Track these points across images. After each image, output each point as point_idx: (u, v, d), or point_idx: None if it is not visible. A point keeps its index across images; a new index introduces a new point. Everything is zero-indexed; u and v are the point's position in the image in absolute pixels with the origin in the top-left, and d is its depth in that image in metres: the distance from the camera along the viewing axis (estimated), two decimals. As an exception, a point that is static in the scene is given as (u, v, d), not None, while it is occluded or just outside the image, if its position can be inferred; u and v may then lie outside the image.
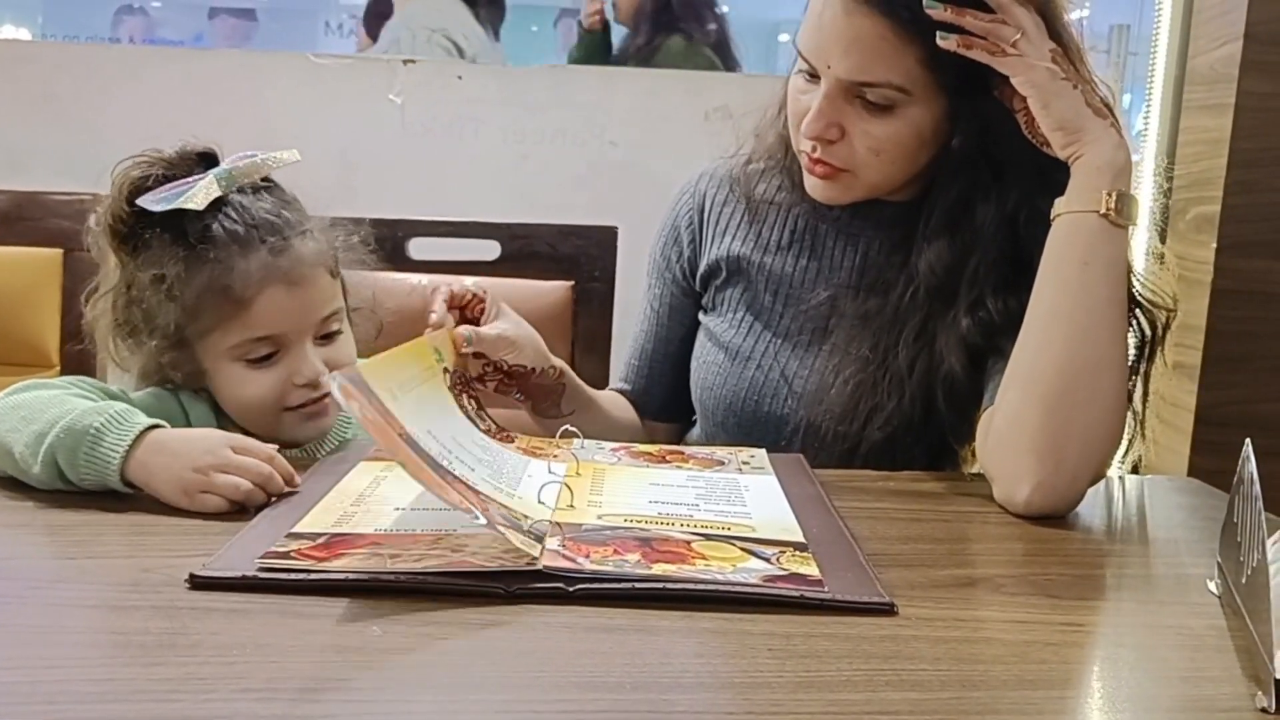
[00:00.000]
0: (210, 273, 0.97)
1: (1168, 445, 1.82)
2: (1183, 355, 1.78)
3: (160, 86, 2.03)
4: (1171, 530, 0.98)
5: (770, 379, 1.15)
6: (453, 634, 0.64)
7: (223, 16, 6.18)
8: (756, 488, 0.92)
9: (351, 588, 0.68)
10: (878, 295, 1.13)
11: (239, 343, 0.99)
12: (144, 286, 0.99)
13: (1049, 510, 0.92)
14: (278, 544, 0.74)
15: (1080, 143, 0.97)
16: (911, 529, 0.88)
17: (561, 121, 2.08)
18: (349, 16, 6.89)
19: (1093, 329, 0.94)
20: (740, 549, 0.76)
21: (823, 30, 1.02)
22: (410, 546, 0.74)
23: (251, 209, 1.00)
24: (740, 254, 1.20)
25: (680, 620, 0.67)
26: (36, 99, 2.07)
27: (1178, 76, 1.84)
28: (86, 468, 0.84)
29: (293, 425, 1.03)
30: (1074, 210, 0.97)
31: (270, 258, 0.99)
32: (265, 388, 1.00)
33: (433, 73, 2.08)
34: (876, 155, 1.05)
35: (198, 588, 0.68)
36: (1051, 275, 0.97)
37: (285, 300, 0.99)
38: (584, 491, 0.87)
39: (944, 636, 0.66)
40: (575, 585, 0.69)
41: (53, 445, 0.84)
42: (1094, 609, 0.76)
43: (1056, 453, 0.91)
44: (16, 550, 0.76)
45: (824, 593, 0.69)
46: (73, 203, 1.49)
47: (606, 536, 0.77)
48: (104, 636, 0.63)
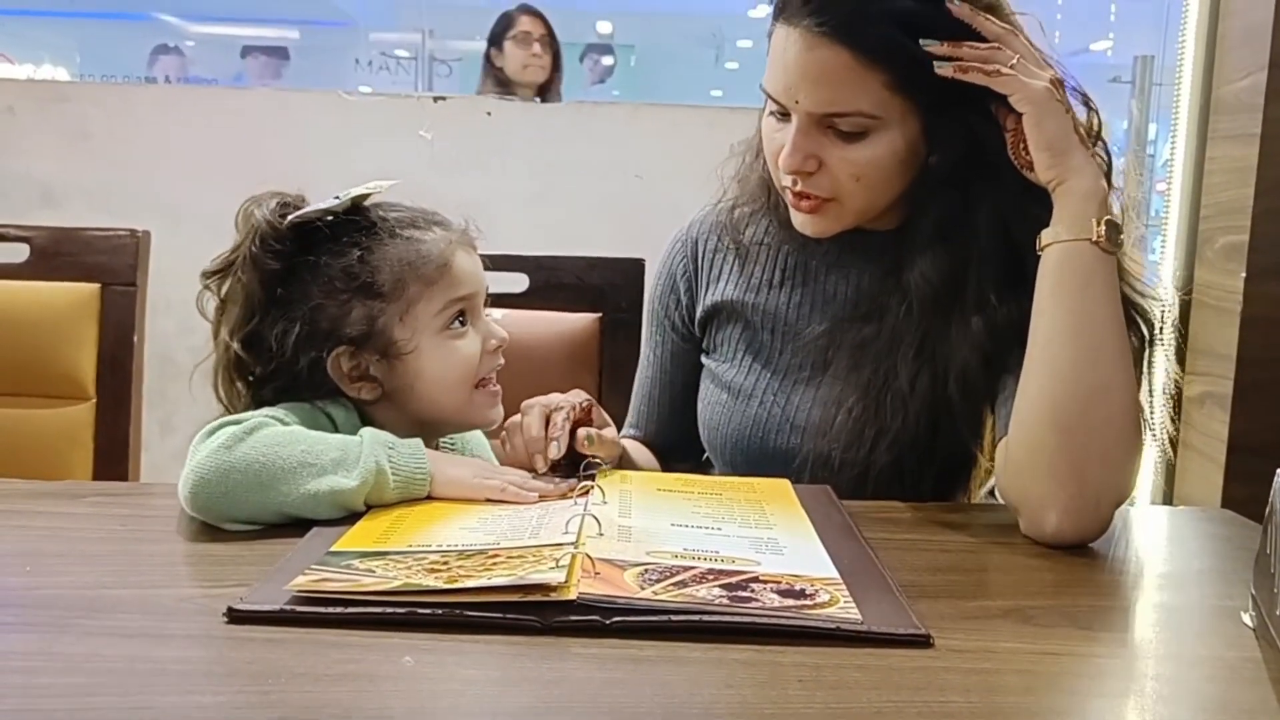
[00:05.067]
0: (404, 248, 1.02)
1: (1201, 475, 1.81)
2: (1214, 385, 1.77)
3: (194, 124, 2.06)
4: (1204, 561, 0.97)
5: (773, 415, 1.16)
6: (484, 663, 0.65)
7: (256, 55, 6.29)
8: (784, 518, 0.92)
9: (387, 621, 0.69)
10: (873, 322, 1.13)
11: (444, 306, 1.03)
12: (324, 288, 1.00)
13: (1078, 536, 0.91)
14: (314, 564, 0.75)
15: (1064, 167, 0.98)
16: (940, 559, 0.88)
17: (587, 155, 2.10)
18: (379, 53, 6.99)
19: (1099, 351, 0.94)
20: (772, 579, 0.76)
21: (787, 68, 1.03)
22: (451, 563, 0.75)
23: (402, 208, 1.06)
24: (735, 297, 1.21)
25: (711, 651, 0.67)
26: (74, 137, 2.11)
27: (1203, 106, 1.85)
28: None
29: (482, 405, 1.07)
30: (1065, 239, 0.97)
31: (447, 230, 1.06)
32: (470, 353, 1.05)
33: (462, 109, 2.11)
34: (858, 180, 1.06)
35: (235, 621, 0.69)
36: (1051, 302, 0.97)
37: (471, 263, 1.06)
38: (612, 518, 0.87)
39: (975, 668, 0.66)
40: (611, 618, 0.69)
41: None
42: (1125, 641, 0.76)
43: (1078, 476, 0.91)
44: (53, 580, 0.76)
45: (859, 624, 0.69)
46: (110, 238, 1.51)
47: (644, 570, 0.76)
48: (142, 665, 0.63)
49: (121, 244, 1.52)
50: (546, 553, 0.76)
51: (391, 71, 6.96)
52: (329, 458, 0.90)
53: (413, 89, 6.23)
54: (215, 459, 0.87)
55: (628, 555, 0.78)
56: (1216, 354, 1.77)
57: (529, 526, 0.85)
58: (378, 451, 0.91)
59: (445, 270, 1.03)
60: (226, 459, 0.87)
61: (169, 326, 1.00)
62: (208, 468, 0.87)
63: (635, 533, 0.85)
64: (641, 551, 0.80)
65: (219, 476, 0.87)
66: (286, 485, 0.88)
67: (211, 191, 1.10)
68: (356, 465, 0.90)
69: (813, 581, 0.76)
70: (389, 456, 0.92)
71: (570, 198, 2.11)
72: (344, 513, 0.89)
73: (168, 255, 1.56)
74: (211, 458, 0.87)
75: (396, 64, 7.02)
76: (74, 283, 1.52)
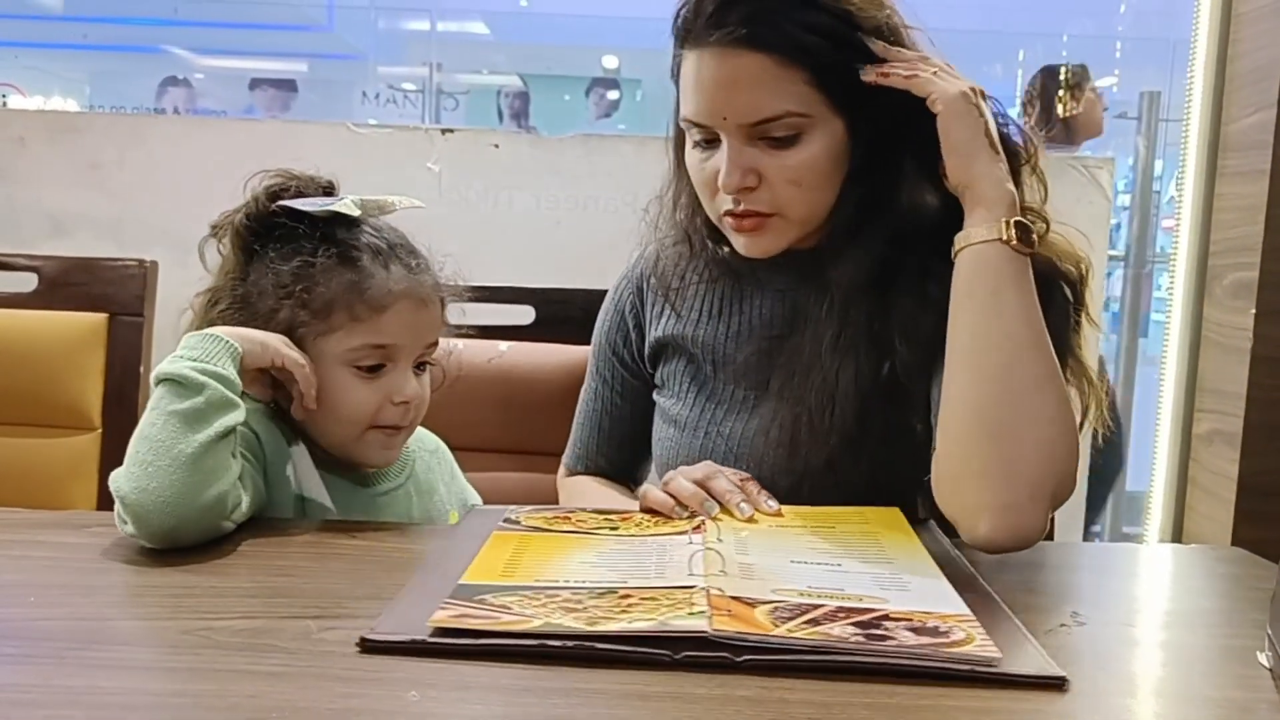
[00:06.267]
0: (353, 275, 1.04)
1: (1210, 515, 1.79)
2: (1223, 423, 1.76)
3: (203, 155, 2.07)
4: (1217, 600, 0.96)
5: (717, 446, 1.15)
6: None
7: (264, 87, 6.34)
8: (901, 551, 0.90)
9: (517, 652, 0.68)
10: (798, 331, 1.12)
11: (360, 346, 1.04)
12: (272, 280, 1.05)
13: (1015, 537, 0.90)
14: (449, 599, 0.75)
15: (969, 171, 0.99)
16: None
17: (594, 189, 2.11)
18: (386, 86, 7.05)
19: (1017, 351, 0.94)
20: (903, 616, 0.75)
21: (705, 89, 1.02)
22: (585, 602, 0.75)
23: (389, 235, 1.09)
24: (677, 332, 1.20)
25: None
26: (84, 168, 2.12)
27: (1211, 142, 1.85)
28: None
29: (371, 445, 1.07)
30: (976, 242, 0.98)
31: (407, 275, 1.06)
32: (366, 398, 1.05)
33: (469, 142, 2.12)
34: (798, 186, 1.04)
35: (369, 652, 0.68)
36: (967, 307, 0.97)
37: (411, 316, 1.06)
38: (732, 556, 0.85)
39: (985, 707, 0.65)
40: (742, 655, 0.68)
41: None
42: (1139, 678, 0.74)
43: (1010, 478, 0.90)
44: (53, 612, 0.76)
45: (996, 664, 0.68)
46: (118, 268, 1.52)
47: (774, 607, 0.75)
48: (143, 698, 0.63)
49: (130, 274, 1.53)
50: (679, 595, 0.75)
51: (398, 105, 7.01)
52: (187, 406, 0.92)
53: (419, 122, 6.27)
54: (118, 482, 0.90)
55: (754, 593, 0.77)
56: (1225, 392, 1.76)
57: (652, 564, 0.84)
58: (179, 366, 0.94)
59: (376, 314, 1.04)
60: (125, 472, 0.90)
61: (176, 357, 1.01)
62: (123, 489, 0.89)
63: (757, 570, 0.83)
64: (767, 589, 0.78)
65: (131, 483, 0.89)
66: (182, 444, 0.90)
67: (220, 223, 1.10)
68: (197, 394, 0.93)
69: (945, 619, 0.74)
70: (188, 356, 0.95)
71: (578, 230, 2.11)
72: (228, 420, 0.93)
73: (176, 286, 1.56)
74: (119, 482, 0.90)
75: (404, 97, 7.08)
76: (81, 312, 1.52)
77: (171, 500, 0.88)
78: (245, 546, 0.92)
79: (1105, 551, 1.15)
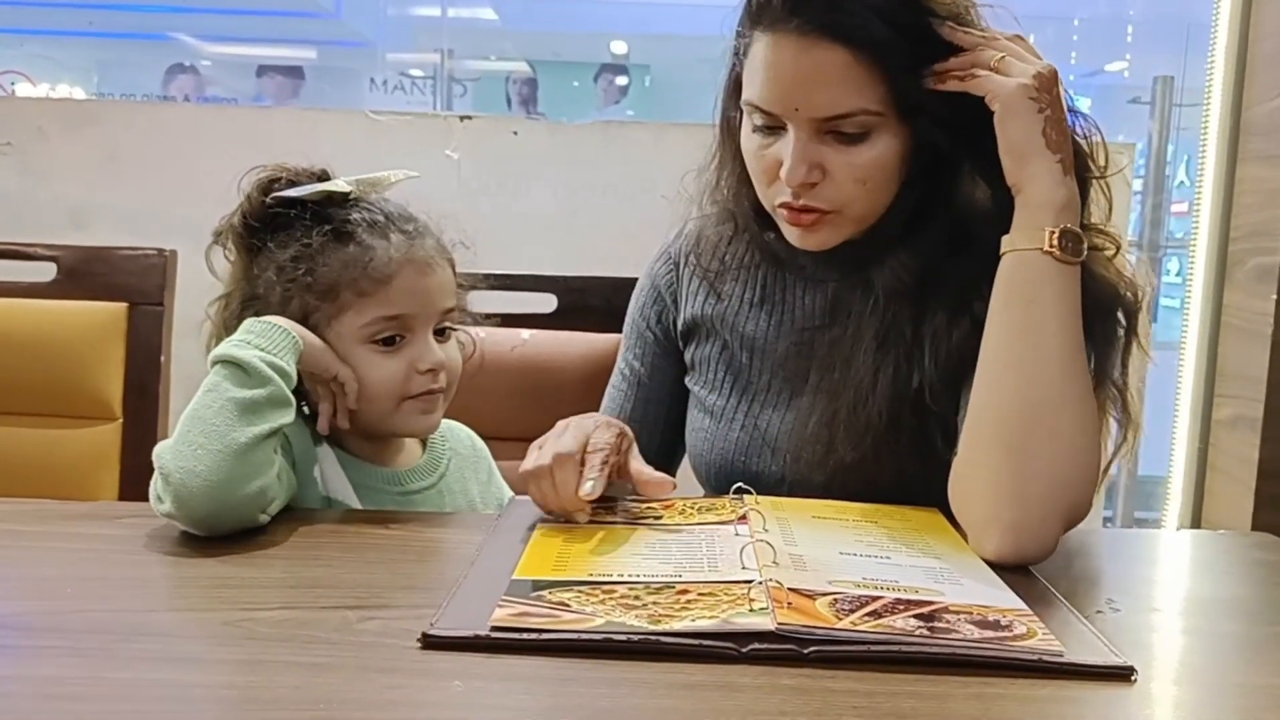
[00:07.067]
0: (351, 253, 1.04)
1: (1231, 500, 1.79)
2: (1244, 408, 1.75)
3: (220, 143, 2.07)
4: (1252, 587, 0.95)
5: (753, 439, 1.13)
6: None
7: (271, 75, 6.33)
8: (947, 548, 0.90)
9: (579, 647, 0.68)
10: (839, 324, 1.10)
11: (371, 320, 1.05)
12: (277, 272, 1.05)
13: (1020, 556, 0.88)
14: (506, 596, 0.75)
15: (1021, 173, 0.95)
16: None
17: (614, 176, 2.10)
18: (395, 73, 7.03)
19: (1045, 367, 0.91)
20: (962, 609, 0.75)
21: (780, 77, 0.98)
22: (644, 598, 0.75)
23: (383, 206, 1.09)
24: (713, 314, 1.18)
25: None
26: (101, 157, 2.11)
27: (1233, 127, 1.84)
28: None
29: (408, 415, 1.08)
30: (1018, 248, 0.94)
31: (406, 242, 1.06)
32: (391, 371, 1.06)
33: (488, 129, 2.11)
34: (863, 185, 1.01)
35: (430, 647, 0.68)
36: (1000, 316, 0.95)
37: (417, 282, 1.06)
38: (781, 547, 0.84)
39: (1029, 694, 0.65)
40: (808, 648, 0.68)
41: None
42: (1185, 666, 0.74)
43: (1021, 497, 0.89)
44: (94, 604, 0.76)
45: (1061, 656, 0.68)
46: (137, 258, 1.52)
47: (834, 599, 0.74)
48: (192, 691, 0.63)
49: (149, 264, 1.52)
50: (738, 591, 0.75)
51: (406, 92, 6.99)
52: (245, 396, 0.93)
53: (429, 109, 6.25)
54: (165, 458, 0.89)
55: (811, 584, 0.76)
56: (1247, 377, 1.75)
57: (703, 556, 0.84)
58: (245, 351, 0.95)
59: (382, 285, 1.04)
60: (172, 448, 0.90)
61: (196, 347, 1.01)
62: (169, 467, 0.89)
63: (809, 561, 0.82)
64: (823, 581, 0.78)
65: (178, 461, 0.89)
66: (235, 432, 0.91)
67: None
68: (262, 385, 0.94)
69: (1004, 613, 0.75)
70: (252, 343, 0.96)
71: (598, 218, 2.11)
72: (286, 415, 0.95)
73: (195, 275, 1.55)
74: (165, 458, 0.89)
75: (411, 84, 7.06)
76: (101, 302, 1.52)
77: (217, 486, 0.88)
78: (278, 538, 0.92)
79: (1133, 538, 1.15)
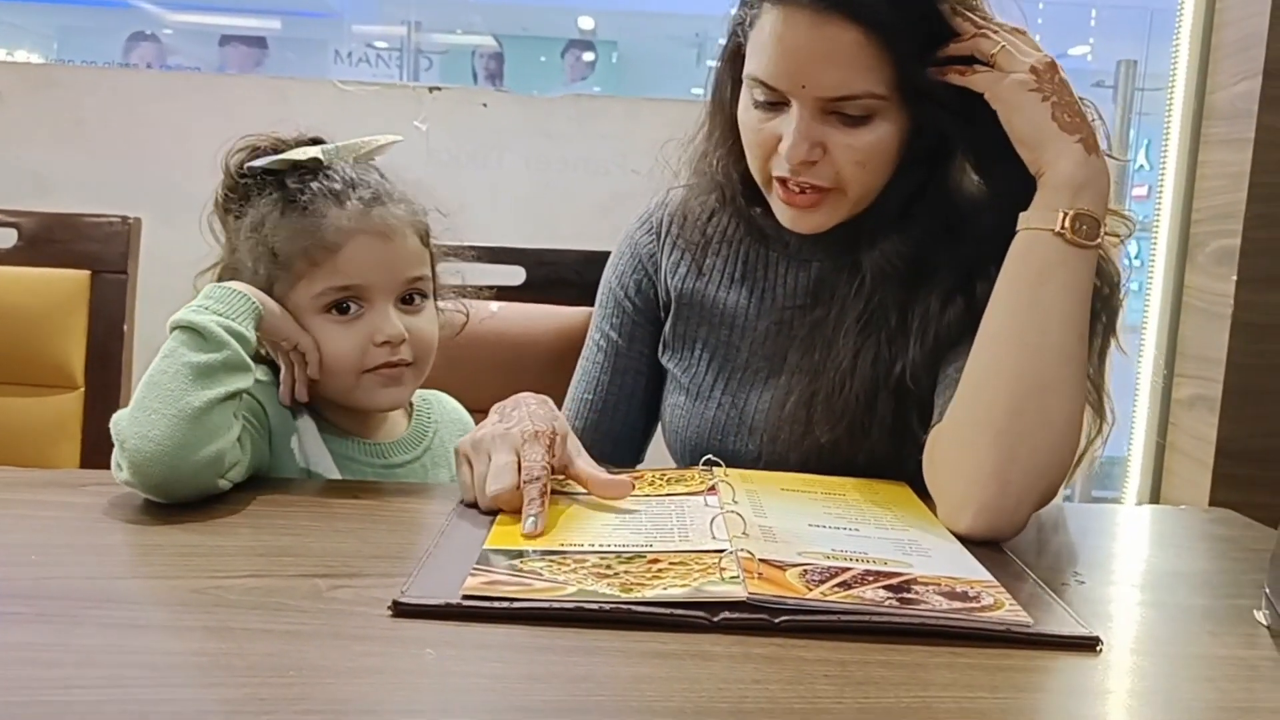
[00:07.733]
0: (303, 221, 1.02)
1: (1188, 478, 1.82)
2: (1203, 388, 1.78)
3: (185, 111, 2.05)
4: (1214, 561, 0.97)
5: (730, 417, 1.13)
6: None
7: (235, 44, 6.24)
8: (914, 520, 0.91)
9: (551, 616, 0.68)
10: (822, 304, 1.10)
11: (323, 290, 1.03)
12: (243, 242, 1.04)
13: (992, 534, 0.89)
14: (478, 565, 0.75)
15: (1040, 160, 0.95)
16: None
17: (585, 150, 2.08)
18: (361, 45, 6.94)
19: (1043, 350, 0.91)
20: (931, 581, 0.75)
21: (787, 53, 0.97)
22: (615, 567, 0.75)
23: (351, 173, 1.05)
24: (694, 288, 1.17)
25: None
26: (65, 122, 2.08)
27: (1196, 111, 1.86)
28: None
29: (370, 389, 1.05)
30: (1032, 227, 0.94)
31: (362, 208, 1.03)
32: (348, 344, 1.03)
33: (458, 100, 2.10)
34: (862, 167, 1.01)
35: (400, 615, 0.68)
36: (1005, 292, 0.95)
37: (372, 251, 1.03)
38: (751, 518, 0.85)
39: (998, 664, 0.66)
40: (779, 618, 0.68)
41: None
42: (1149, 637, 0.76)
43: (1001, 478, 0.89)
44: (60, 571, 0.75)
45: (1029, 627, 0.69)
46: (101, 224, 1.49)
47: (804, 570, 0.75)
48: (162, 658, 0.62)
49: (113, 231, 1.50)
50: (709, 560, 0.76)
51: (372, 64, 6.90)
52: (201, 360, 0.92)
53: (395, 81, 6.19)
54: (121, 425, 0.89)
55: (781, 556, 0.77)
56: (1207, 358, 1.78)
57: (674, 526, 0.84)
58: (201, 317, 0.94)
59: (330, 255, 1.02)
60: (129, 415, 0.89)
61: (160, 315, 1.00)
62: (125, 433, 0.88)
63: (779, 533, 0.83)
64: (793, 552, 0.78)
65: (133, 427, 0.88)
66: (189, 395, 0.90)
67: (205, 180, 1.09)
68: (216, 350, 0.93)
69: (972, 584, 0.75)
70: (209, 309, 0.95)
71: (567, 191, 2.10)
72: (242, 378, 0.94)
73: (160, 243, 1.54)
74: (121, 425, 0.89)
75: (377, 56, 6.97)
76: (64, 270, 1.50)
77: (170, 451, 0.87)
78: (245, 507, 0.91)
79: (1098, 513, 1.17)
